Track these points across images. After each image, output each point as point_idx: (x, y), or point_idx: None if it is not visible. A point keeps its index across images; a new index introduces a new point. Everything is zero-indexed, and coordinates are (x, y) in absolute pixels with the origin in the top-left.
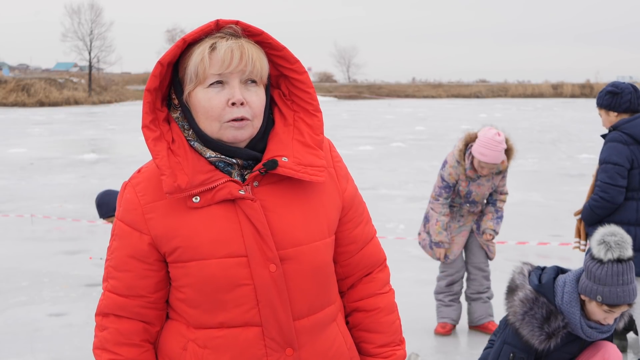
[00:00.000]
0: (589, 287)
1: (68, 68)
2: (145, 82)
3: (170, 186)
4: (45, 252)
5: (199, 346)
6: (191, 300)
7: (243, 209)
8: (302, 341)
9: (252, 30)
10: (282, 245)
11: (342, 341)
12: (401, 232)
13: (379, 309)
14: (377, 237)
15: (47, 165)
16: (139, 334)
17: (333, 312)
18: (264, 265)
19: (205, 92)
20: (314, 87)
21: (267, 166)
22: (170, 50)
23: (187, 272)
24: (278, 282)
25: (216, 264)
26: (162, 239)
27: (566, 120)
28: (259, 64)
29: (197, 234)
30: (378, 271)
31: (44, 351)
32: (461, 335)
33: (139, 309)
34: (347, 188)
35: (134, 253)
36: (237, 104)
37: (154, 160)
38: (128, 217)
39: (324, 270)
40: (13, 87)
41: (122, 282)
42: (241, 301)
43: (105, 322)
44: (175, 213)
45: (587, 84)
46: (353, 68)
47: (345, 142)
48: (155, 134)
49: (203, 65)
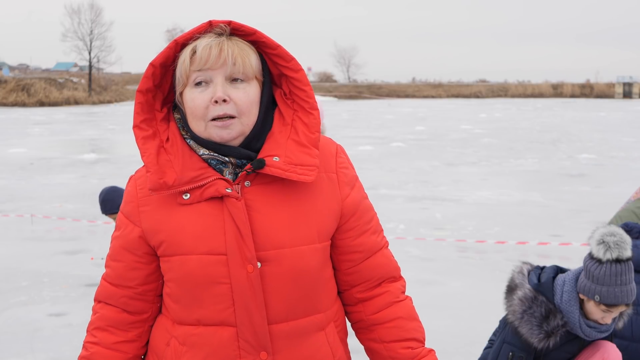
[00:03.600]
0: (587, 286)
1: (68, 68)
2: None
3: (155, 183)
4: (45, 252)
5: (179, 343)
6: (174, 295)
7: (228, 208)
8: (279, 346)
9: (245, 29)
10: (263, 246)
11: (329, 352)
12: (401, 232)
13: (400, 317)
14: (389, 250)
15: (47, 165)
16: (120, 324)
17: (320, 321)
18: (241, 265)
19: (191, 92)
20: (310, 84)
21: (254, 165)
22: (162, 51)
23: (171, 267)
24: (254, 284)
25: (196, 259)
26: (150, 232)
27: (566, 120)
28: (241, 60)
29: (181, 229)
30: (389, 282)
31: (44, 351)
32: (461, 335)
33: (126, 299)
34: (350, 195)
35: (126, 244)
36: (219, 102)
37: (141, 157)
38: (126, 208)
39: (309, 275)
40: (13, 87)
41: (115, 271)
42: (217, 299)
43: (97, 307)
44: (166, 208)
45: (587, 84)
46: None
47: (345, 142)
48: (147, 133)
49: (185, 65)
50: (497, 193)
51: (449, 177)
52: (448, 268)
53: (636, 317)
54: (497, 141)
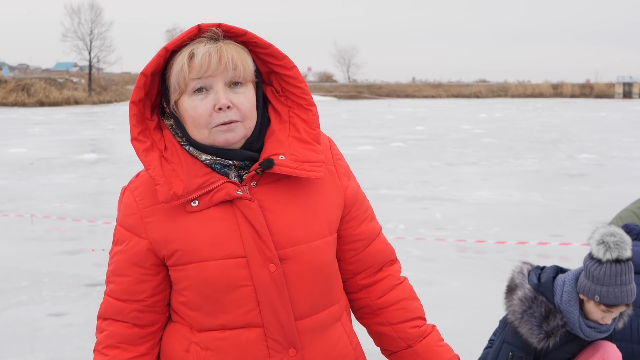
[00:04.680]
0: (587, 286)
1: (68, 68)
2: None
3: (166, 195)
4: (45, 252)
5: (201, 348)
6: (192, 303)
7: (241, 209)
8: (305, 341)
9: (236, 31)
10: (281, 244)
11: (347, 341)
12: (401, 232)
13: (405, 299)
14: (383, 233)
15: (47, 165)
16: (132, 339)
17: (337, 311)
18: (263, 265)
19: (191, 100)
20: (305, 81)
21: (263, 166)
22: (153, 59)
23: (186, 275)
24: (278, 282)
25: (215, 265)
26: (160, 242)
27: (566, 120)
28: (241, 64)
29: (195, 237)
30: (389, 265)
31: (44, 351)
32: (461, 335)
33: (136, 312)
34: (349, 185)
35: (131, 258)
36: (223, 109)
37: (147, 171)
38: (127, 221)
39: (325, 269)
40: (13, 87)
41: (120, 286)
42: (241, 302)
43: (104, 325)
44: (174, 216)
45: (587, 84)
46: (353, 68)
47: (345, 142)
48: (146, 144)
49: (183, 73)
50: (497, 193)
51: (449, 177)
52: (448, 268)
53: (636, 318)
54: (497, 141)
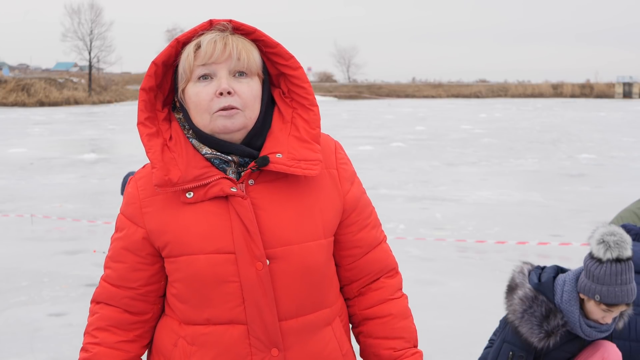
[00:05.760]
0: (588, 286)
1: (68, 68)
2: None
3: (161, 179)
4: (45, 252)
5: (187, 343)
6: (181, 295)
7: (234, 206)
8: (289, 342)
9: (245, 28)
10: (271, 244)
11: (337, 346)
12: (401, 232)
13: (392, 315)
14: (387, 244)
15: (47, 165)
16: (122, 324)
17: (327, 315)
18: (250, 262)
19: (195, 87)
20: (309, 82)
21: (258, 163)
22: (164, 50)
23: (177, 267)
24: (264, 281)
25: (204, 259)
26: (155, 233)
27: (566, 120)
28: (246, 55)
29: (187, 229)
30: (387, 277)
31: (44, 351)
32: (461, 335)
33: (128, 299)
34: (351, 190)
35: (128, 245)
36: (224, 94)
37: (146, 154)
38: (128, 210)
39: (316, 271)
40: (13, 87)
41: (116, 272)
42: (227, 298)
43: (97, 308)
44: (170, 208)
45: (587, 84)
46: (353, 68)
47: (345, 142)
48: (151, 130)
49: (189, 60)
50: (497, 193)
51: (449, 177)
52: (448, 268)
53: (636, 317)
54: (497, 141)
